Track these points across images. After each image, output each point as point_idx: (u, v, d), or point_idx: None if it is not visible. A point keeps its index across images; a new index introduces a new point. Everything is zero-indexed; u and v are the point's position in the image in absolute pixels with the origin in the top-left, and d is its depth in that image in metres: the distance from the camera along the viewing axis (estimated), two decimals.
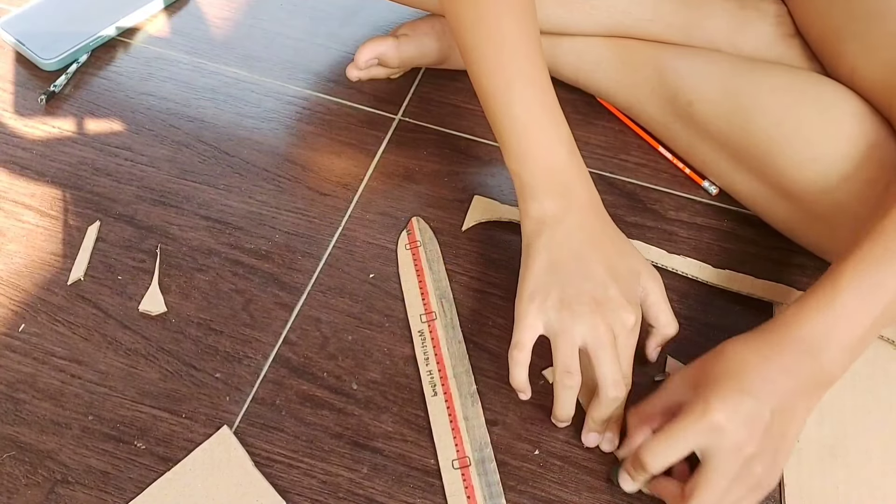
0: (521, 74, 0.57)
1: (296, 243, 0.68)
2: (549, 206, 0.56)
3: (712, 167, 0.68)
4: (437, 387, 0.60)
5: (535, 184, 0.56)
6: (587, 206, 0.56)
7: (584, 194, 0.56)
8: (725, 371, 0.49)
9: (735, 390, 0.48)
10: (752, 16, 0.68)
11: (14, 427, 0.59)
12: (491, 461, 0.57)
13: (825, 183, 0.58)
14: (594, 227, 0.56)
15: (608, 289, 0.53)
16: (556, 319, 0.53)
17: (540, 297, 0.54)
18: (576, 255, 0.55)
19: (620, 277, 0.54)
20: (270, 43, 0.83)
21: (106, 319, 0.64)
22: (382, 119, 0.77)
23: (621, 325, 0.53)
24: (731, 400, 0.48)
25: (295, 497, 0.56)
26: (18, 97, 0.78)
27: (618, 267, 0.55)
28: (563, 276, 0.54)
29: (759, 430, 0.47)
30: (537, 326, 0.54)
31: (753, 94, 0.62)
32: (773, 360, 0.49)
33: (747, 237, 0.68)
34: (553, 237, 0.55)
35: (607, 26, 0.70)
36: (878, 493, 0.55)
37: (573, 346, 0.53)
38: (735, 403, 0.47)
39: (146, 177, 0.72)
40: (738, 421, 0.47)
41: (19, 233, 0.69)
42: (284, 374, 0.61)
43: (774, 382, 0.48)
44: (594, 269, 0.54)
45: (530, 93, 0.57)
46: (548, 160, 0.56)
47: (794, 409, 0.49)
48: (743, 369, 0.49)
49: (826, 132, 0.58)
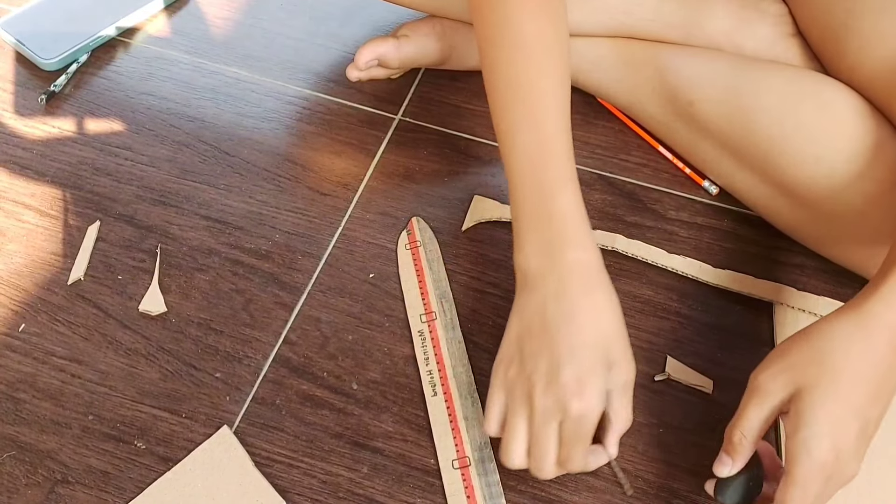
0: (527, 118, 0.54)
1: (296, 243, 0.68)
2: (533, 263, 0.52)
3: (713, 166, 0.68)
4: (437, 387, 0.60)
5: (522, 235, 0.53)
6: (574, 270, 0.51)
7: (573, 255, 0.51)
8: (827, 385, 0.46)
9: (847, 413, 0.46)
10: (752, 16, 0.68)
11: (14, 427, 0.59)
12: (491, 461, 0.57)
13: (827, 181, 0.58)
14: (573, 297, 0.50)
15: (562, 371, 0.49)
16: (508, 397, 0.51)
17: (503, 366, 0.52)
18: (542, 328, 0.50)
19: (583, 358, 0.49)
20: (270, 43, 0.83)
21: (106, 319, 0.64)
22: (382, 119, 0.77)
23: (567, 413, 0.48)
24: (845, 428, 0.46)
25: (295, 497, 0.56)
26: (18, 97, 0.78)
27: (584, 344, 0.49)
28: (527, 349, 0.51)
29: (854, 444, 0.46)
30: (501, 402, 0.52)
31: (754, 93, 0.62)
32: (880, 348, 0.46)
33: (747, 237, 0.68)
34: (529, 303, 0.52)
35: (608, 26, 0.70)
36: (878, 494, 0.55)
37: (518, 434, 0.50)
38: (841, 435, 0.46)
39: (146, 177, 0.72)
40: (850, 451, 0.46)
41: (19, 233, 0.69)
42: (284, 373, 0.61)
43: (882, 385, 0.46)
44: (556, 347, 0.49)
45: (533, 139, 0.54)
46: (539, 212, 0.52)
47: (886, 396, 0.47)
48: (853, 373, 0.46)
49: (827, 131, 0.58)
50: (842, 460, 0.46)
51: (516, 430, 0.50)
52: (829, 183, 0.58)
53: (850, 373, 0.46)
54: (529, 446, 0.50)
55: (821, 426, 0.46)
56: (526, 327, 0.51)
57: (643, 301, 0.64)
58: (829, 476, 0.46)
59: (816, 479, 0.46)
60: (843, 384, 0.46)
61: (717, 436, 0.58)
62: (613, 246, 0.66)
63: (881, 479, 0.55)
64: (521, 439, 0.50)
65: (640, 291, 0.65)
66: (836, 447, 0.46)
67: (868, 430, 0.47)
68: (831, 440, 0.45)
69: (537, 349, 0.50)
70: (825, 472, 0.46)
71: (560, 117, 0.54)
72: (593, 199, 0.70)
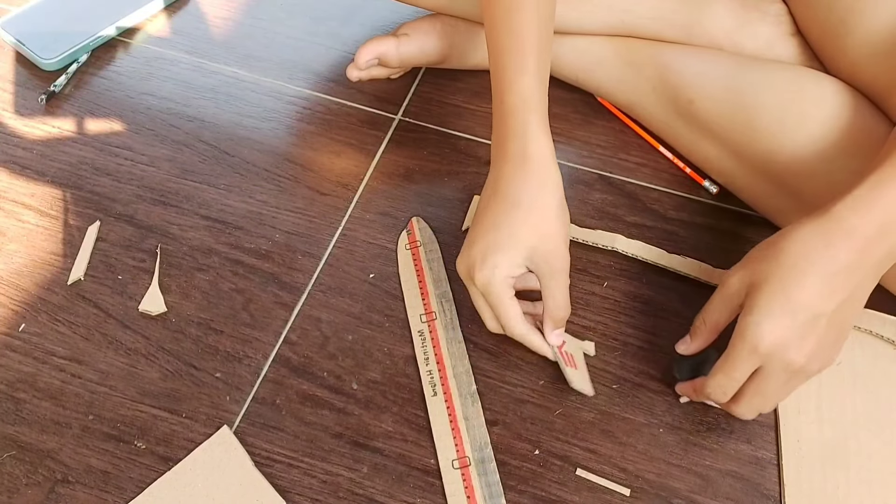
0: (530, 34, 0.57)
1: (296, 243, 0.68)
2: (492, 151, 0.58)
3: (714, 165, 0.68)
4: (437, 387, 0.60)
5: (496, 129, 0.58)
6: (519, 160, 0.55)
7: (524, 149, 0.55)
8: (781, 279, 0.49)
9: (787, 307, 0.48)
10: (753, 15, 0.68)
11: (14, 427, 0.59)
12: (491, 461, 0.57)
13: (827, 178, 0.58)
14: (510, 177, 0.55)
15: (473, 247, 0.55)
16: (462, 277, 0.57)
17: (465, 249, 0.57)
18: (487, 202, 0.56)
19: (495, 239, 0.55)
20: (270, 43, 0.83)
21: (106, 319, 0.64)
22: (382, 119, 0.77)
23: (472, 282, 0.56)
24: (782, 321, 0.48)
25: (295, 497, 0.56)
26: (18, 97, 0.78)
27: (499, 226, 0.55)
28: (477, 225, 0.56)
29: (811, 343, 0.48)
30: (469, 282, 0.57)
31: (755, 92, 0.62)
32: (839, 249, 0.48)
33: (747, 237, 0.68)
34: (489, 183, 0.57)
35: (609, 24, 0.70)
36: (878, 494, 0.55)
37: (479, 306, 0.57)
38: (787, 326, 0.48)
39: (146, 176, 0.72)
40: (790, 342, 0.48)
41: (19, 233, 0.69)
42: (284, 373, 0.61)
43: (831, 288, 0.48)
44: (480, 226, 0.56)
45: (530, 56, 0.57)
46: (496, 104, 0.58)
47: (854, 300, 0.49)
48: (799, 272, 0.48)
49: (827, 129, 0.58)
50: (782, 349, 0.48)
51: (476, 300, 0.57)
52: (830, 180, 0.58)
53: (800, 268, 0.48)
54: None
55: (760, 314, 0.48)
56: (480, 206, 0.57)
57: (643, 301, 0.64)
58: (765, 364, 0.49)
59: (746, 361, 0.49)
60: (791, 279, 0.48)
61: (717, 436, 0.58)
62: (613, 246, 0.66)
63: (881, 480, 0.55)
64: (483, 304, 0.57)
65: (640, 291, 0.65)
66: (772, 335, 0.48)
67: (819, 325, 0.48)
68: (769, 328, 0.48)
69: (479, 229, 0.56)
70: (756, 357, 0.49)
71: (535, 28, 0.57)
72: (593, 199, 0.70)
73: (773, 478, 0.56)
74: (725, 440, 0.58)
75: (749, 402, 0.52)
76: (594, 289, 0.65)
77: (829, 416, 0.58)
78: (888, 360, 0.60)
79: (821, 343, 0.49)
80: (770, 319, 0.48)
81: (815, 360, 0.50)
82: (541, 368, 0.61)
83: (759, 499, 0.55)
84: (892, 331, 0.61)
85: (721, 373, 0.51)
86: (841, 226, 0.48)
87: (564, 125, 0.75)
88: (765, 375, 0.50)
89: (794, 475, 0.56)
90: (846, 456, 0.56)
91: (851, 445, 0.56)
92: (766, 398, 0.52)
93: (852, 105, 0.59)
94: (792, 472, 0.56)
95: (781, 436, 0.57)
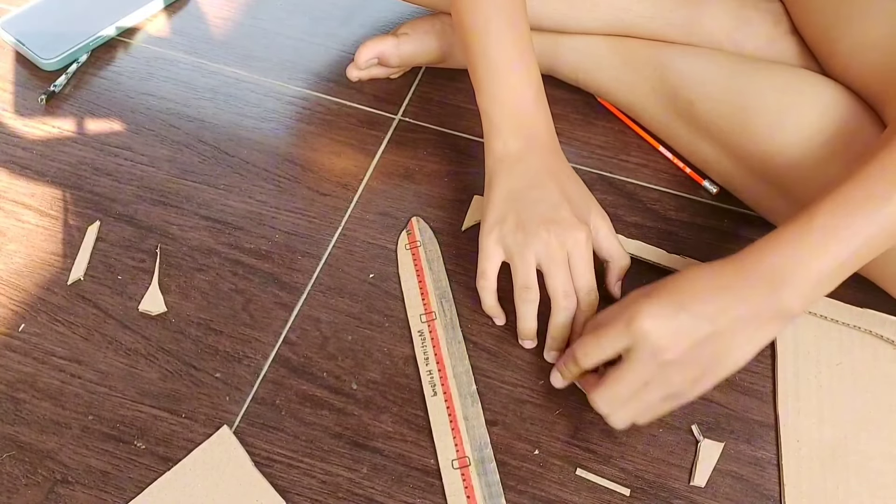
0: (500, 14, 0.60)
1: (296, 243, 0.68)
2: (512, 145, 0.60)
3: (713, 166, 0.68)
4: (436, 387, 0.60)
5: (501, 124, 0.60)
6: (547, 147, 0.61)
7: (545, 137, 0.61)
8: (674, 288, 0.50)
9: (673, 305, 0.49)
10: (752, 14, 0.68)
11: (14, 427, 0.59)
12: (491, 461, 0.57)
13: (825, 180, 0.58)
14: (552, 163, 0.60)
15: (560, 209, 0.57)
16: (512, 243, 0.58)
17: (498, 226, 0.58)
18: (532, 184, 0.59)
19: (572, 200, 0.58)
20: (270, 43, 0.83)
21: (106, 319, 0.64)
22: (382, 119, 0.77)
23: (574, 242, 0.57)
24: (665, 312, 0.49)
25: (295, 497, 0.56)
26: (18, 97, 0.78)
27: (570, 192, 0.59)
28: (520, 202, 0.58)
29: (685, 343, 0.49)
30: (498, 253, 0.59)
31: (754, 93, 0.62)
32: (728, 287, 0.49)
33: (747, 237, 0.68)
34: (513, 171, 0.60)
35: (608, 23, 0.70)
36: (878, 494, 0.55)
37: (528, 265, 0.57)
38: (667, 316, 0.49)
39: (146, 177, 0.72)
40: (664, 330, 0.49)
41: (19, 233, 0.69)
42: (284, 373, 0.61)
43: (722, 307, 0.49)
44: (548, 193, 0.58)
45: (507, 34, 0.60)
46: (516, 103, 0.60)
47: (738, 335, 0.49)
48: (691, 289, 0.50)
49: (825, 131, 0.58)
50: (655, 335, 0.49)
51: (528, 261, 0.57)
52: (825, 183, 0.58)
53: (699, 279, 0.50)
54: (545, 273, 0.57)
55: (647, 301, 0.50)
56: (513, 188, 0.59)
57: None
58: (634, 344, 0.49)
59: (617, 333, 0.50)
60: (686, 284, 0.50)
61: (717, 436, 0.58)
62: None
63: (881, 480, 0.55)
64: (534, 263, 0.57)
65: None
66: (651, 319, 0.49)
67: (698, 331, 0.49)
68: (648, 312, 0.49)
69: (529, 200, 0.58)
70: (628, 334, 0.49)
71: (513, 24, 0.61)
72: None
73: (773, 478, 0.56)
74: (725, 440, 0.58)
75: (610, 390, 0.51)
76: None
77: (829, 416, 0.58)
78: (888, 360, 0.60)
79: (696, 352, 0.49)
80: (653, 306, 0.49)
81: (685, 367, 0.49)
82: (541, 368, 0.61)
83: (759, 499, 0.55)
84: (892, 331, 0.61)
85: (590, 334, 0.53)
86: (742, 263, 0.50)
87: (564, 125, 0.75)
88: (631, 359, 0.50)
89: (794, 475, 0.55)
90: (846, 456, 0.56)
91: (851, 445, 0.56)
92: (626, 389, 0.51)
93: (848, 109, 0.59)
94: (792, 472, 0.56)
95: (781, 436, 0.57)
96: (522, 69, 0.61)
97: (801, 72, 0.63)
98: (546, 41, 0.73)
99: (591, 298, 0.58)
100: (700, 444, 0.57)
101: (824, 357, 0.60)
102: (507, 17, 0.60)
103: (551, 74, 0.76)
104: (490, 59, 0.60)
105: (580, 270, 0.58)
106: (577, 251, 0.57)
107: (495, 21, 0.60)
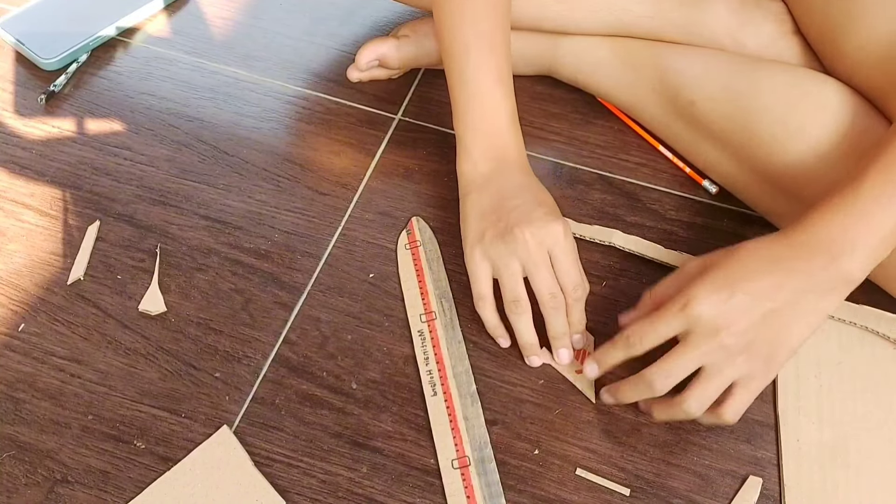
0: (481, 40, 0.60)
1: (295, 243, 0.68)
2: (482, 167, 0.61)
3: (714, 166, 0.68)
4: (436, 386, 0.60)
5: (473, 148, 0.61)
6: (517, 165, 0.61)
7: (515, 156, 0.61)
8: (729, 266, 0.50)
9: (727, 286, 0.49)
10: (754, 13, 0.68)
11: (14, 427, 0.59)
12: (490, 461, 0.56)
13: (827, 180, 0.58)
14: (522, 179, 0.61)
15: (534, 211, 0.57)
16: (496, 255, 0.57)
17: (479, 243, 0.58)
18: (504, 197, 0.59)
19: (544, 203, 0.59)
20: (270, 43, 0.83)
21: (106, 319, 0.64)
22: (382, 119, 0.77)
23: (553, 239, 0.57)
24: (720, 294, 0.49)
25: (295, 496, 0.56)
26: (18, 97, 0.78)
27: (543, 199, 0.60)
28: (495, 214, 0.58)
29: (743, 323, 0.49)
30: (486, 269, 0.58)
31: (755, 93, 0.62)
32: (784, 261, 0.49)
33: (747, 237, 0.67)
34: (484, 191, 0.60)
35: (608, 23, 0.70)
36: (878, 494, 0.55)
37: (514, 275, 0.57)
38: (722, 299, 0.49)
39: (146, 176, 0.72)
40: (719, 312, 0.49)
41: (19, 233, 0.69)
42: (284, 373, 0.61)
43: (778, 283, 0.49)
44: (521, 201, 0.58)
45: (486, 61, 0.61)
46: (489, 127, 0.61)
47: (798, 308, 0.49)
48: (746, 267, 0.50)
49: (828, 130, 0.58)
50: (711, 317, 0.49)
51: (513, 271, 0.57)
52: (829, 182, 0.58)
53: (752, 259, 0.50)
54: (529, 276, 0.57)
55: (701, 284, 0.50)
56: (486, 205, 0.59)
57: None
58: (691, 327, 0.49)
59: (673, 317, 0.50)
60: (739, 264, 0.50)
61: (717, 436, 0.58)
62: (611, 241, 0.66)
63: (881, 480, 0.55)
64: (519, 272, 0.57)
65: (639, 291, 0.64)
66: (706, 301, 0.49)
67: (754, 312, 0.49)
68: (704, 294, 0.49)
69: (503, 210, 0.58)
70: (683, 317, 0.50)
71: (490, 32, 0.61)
72: (593, 199, 0.70)
73: (773, 478, 0.56)
74: (725, 440, 0.58)
75: (667, 369, 0.50)
76: (593, 289, 0.64)
77: (829, 416, 0.58)
78: (888, 360, 0.60)
79: (753, 334, 0.49)
80: (707, 289, 0.49)
81: (745, 350, 0.49)
82: (541, 368, 0.61)
83: (759, 499, 0.55)
84: (892, 329, 0.60)
85: (646, 320, 0.52)
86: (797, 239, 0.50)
87: (564, 125, 0.75)
88: (690, 340, 0.50)
89: (794, 475, 0.55)
90: (846, 456, 0.56)
91: (851, 445, 0.56)
92: (683, 369, 0.50)
93: (854, 108, 0.58)
94: (792, 472, 0.56)
95: (781, 436, 0.57)
96: (498, 95, 0.61)
97: (806, 72, 0.63)
98: (546, 42, 0.73)
99: (578, 294, 0.58)
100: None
101: (824, 356, 0.60)
102: (487, 43, 0.61)
103: (551, 75, 0.77)
104: (467, 85, 0.61)
105: (564, 267, 0.57)
106: (556, 247, 0.57)
107: (475, 47, 0.60)
